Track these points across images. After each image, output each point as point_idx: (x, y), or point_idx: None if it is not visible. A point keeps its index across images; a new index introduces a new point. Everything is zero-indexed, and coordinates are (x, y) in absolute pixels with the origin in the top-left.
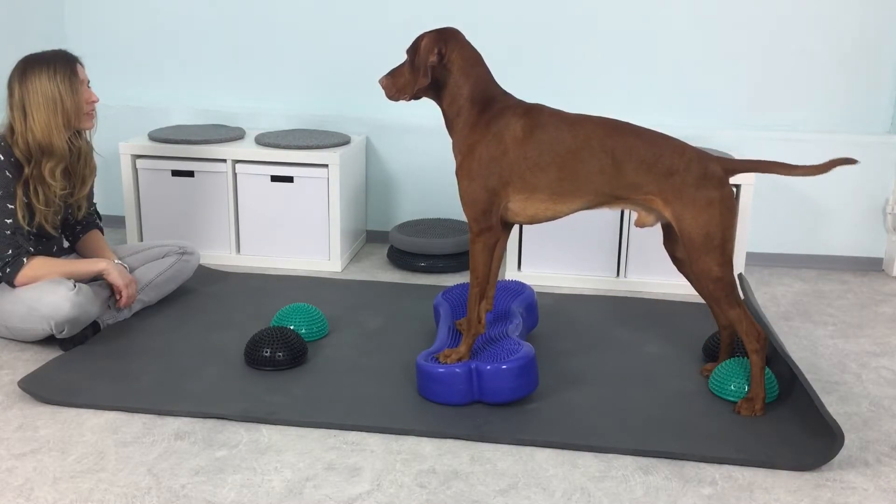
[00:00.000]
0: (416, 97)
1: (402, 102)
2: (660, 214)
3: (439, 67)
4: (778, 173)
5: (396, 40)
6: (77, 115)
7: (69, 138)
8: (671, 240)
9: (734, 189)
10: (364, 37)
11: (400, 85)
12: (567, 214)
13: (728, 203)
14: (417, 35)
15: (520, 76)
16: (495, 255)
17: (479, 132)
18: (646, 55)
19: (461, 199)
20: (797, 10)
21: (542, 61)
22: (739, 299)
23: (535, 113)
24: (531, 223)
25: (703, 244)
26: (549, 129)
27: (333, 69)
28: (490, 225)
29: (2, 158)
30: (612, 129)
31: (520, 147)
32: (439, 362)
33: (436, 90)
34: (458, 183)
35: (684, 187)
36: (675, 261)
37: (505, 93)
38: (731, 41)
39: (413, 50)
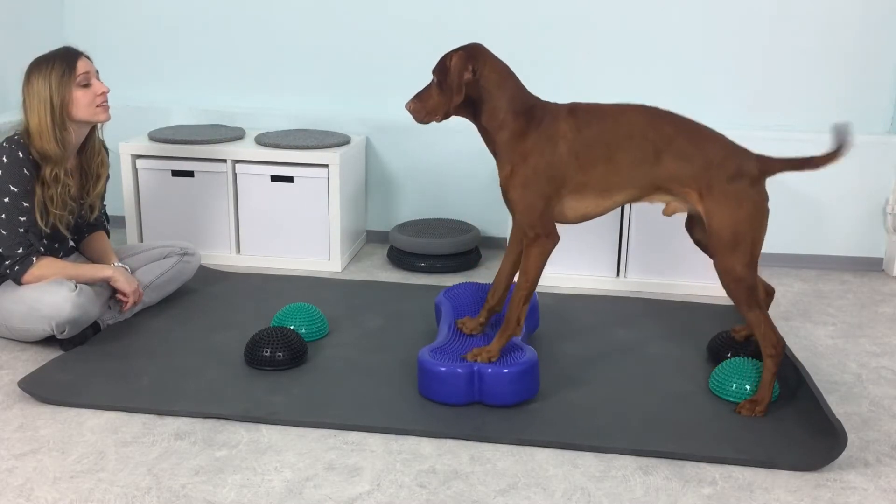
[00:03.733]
0: (447, 116)
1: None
2: (692, 207)
3: (473, 84)
4: (810, 169)
5: (396, 40)
6: (72, 110)
7: (78, 135)
8: (693, 223)
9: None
10: (364, 37)
11: (430, 107)
12: (613, 209)
13: (760, 205)
14: (442, 55)
15: (519, 76)
16: (514, 261)
17: (532, 140)
18: (646, 55)
19: (514, 208)
20: (797, 9)
21: (541, 62)
22: (760, 302)
23: (578, 112)
24: (582, 221)
25: (730, 242)
26: (594, 125)
27: (333, 69)
28: (547, 231)
29: (20, 156)
30: (652, 117)
31: (571, 148)
32: (466, 360)
33: (470, 107)
34: (510, 192)
35: (717, 182)
36: (696, 241)
37: (538, 98)
38: (731, 41)
39: (441, 70)
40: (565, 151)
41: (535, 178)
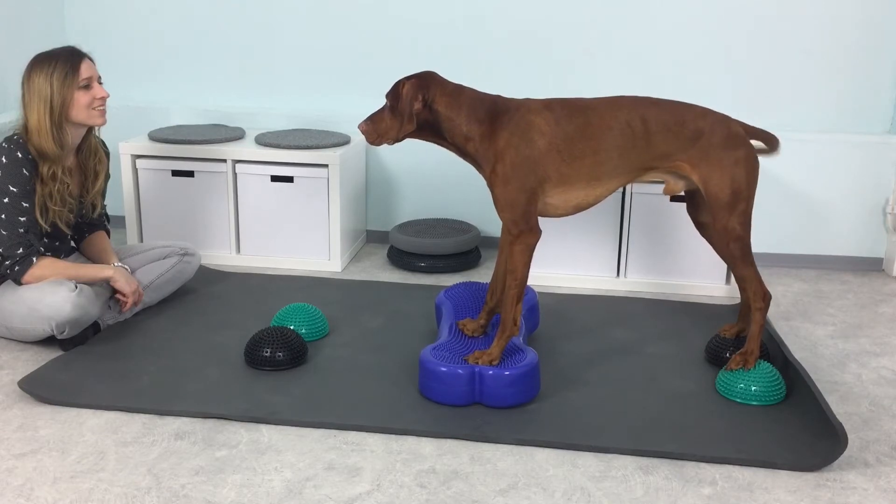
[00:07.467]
0: (399, 140)
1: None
2: (688, 180)
3: (425, 111)
4: (769, 150)
5: (396, 40)
6: (71, 112)
7: (74, 136)
8: (695, 205)
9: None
10: (364, 36)
11: (381, 130)
12: (607, 196)
13: (753, 162)
14: (395, 81)
15: (517, 78)
16: (503, 260)
17: (504, 138)
18: (645, 56)
19: (497, 205)
20: (797, 9)
21: (540, 63)
22: (753, 260)
23: (555, 106)
24: (577, 212)
25: (729, 203)
26: (574, 118)
27: (333, 69)
28: (530, 226)
29: (19, 156)
30: (633, 101)
31: (550, 142)
32: (467, 363)
33: (430, 131)
34: (493, 189)
35: (710, 149)
36: (699, 226)
37: (504, 98)
38: (730, 41)
39: (393, 96)
40: (543, 146)
41: (513, 173)
